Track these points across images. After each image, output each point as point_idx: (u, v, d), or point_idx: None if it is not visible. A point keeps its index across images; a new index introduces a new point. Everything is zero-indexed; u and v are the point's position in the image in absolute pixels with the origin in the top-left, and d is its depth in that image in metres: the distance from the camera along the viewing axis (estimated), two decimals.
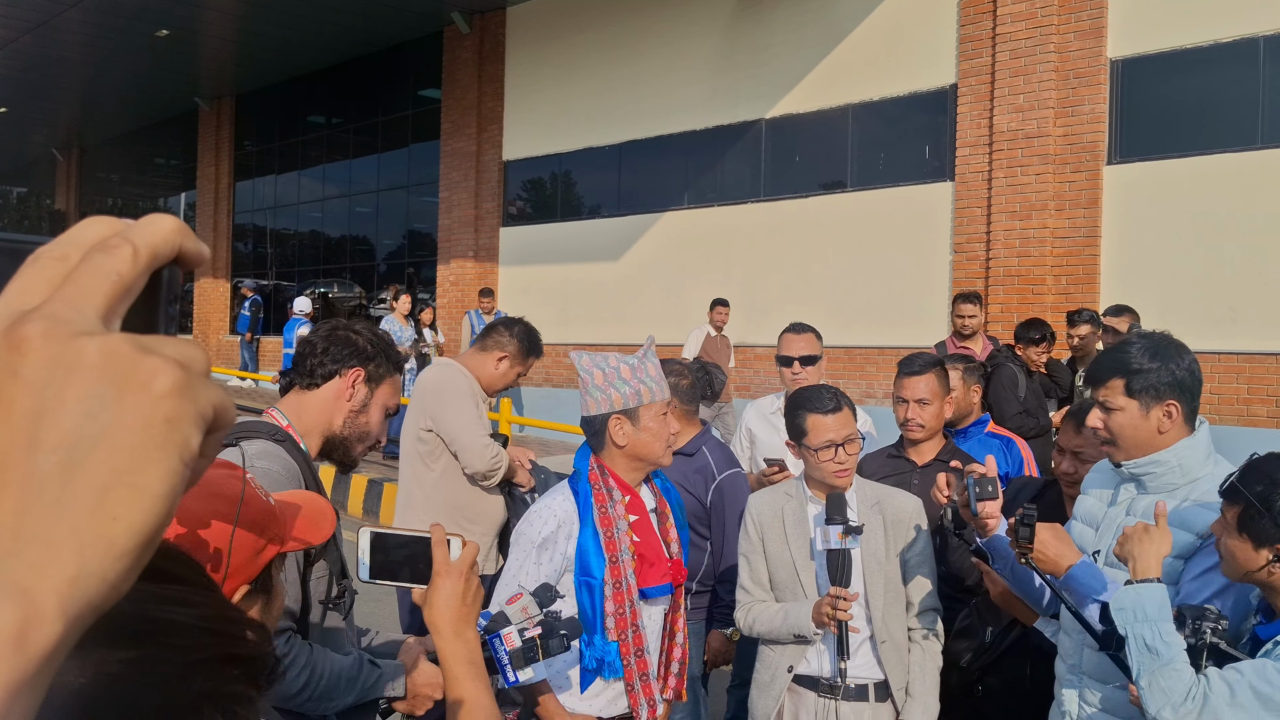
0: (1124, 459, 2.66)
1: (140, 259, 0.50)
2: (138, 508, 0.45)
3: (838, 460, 3.08)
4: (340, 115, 20.00)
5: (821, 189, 12.49)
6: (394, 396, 2.51)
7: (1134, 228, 9.95)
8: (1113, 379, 2.64)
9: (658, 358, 2.89)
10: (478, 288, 16.38)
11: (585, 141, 15.03)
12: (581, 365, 2.81)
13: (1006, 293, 10.59)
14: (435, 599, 1.69)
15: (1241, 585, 2.49)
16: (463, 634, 1.68)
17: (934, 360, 3.89)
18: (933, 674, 3.17)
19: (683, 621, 2.92)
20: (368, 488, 10.81)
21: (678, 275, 13.73)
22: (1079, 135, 10.22)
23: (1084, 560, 2.60)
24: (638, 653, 2.75)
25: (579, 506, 2.76)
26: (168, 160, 25.51)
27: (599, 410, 2.77)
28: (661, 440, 2.79)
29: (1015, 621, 3.28)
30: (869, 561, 3.16)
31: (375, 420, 2.47)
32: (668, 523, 2.91)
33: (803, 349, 4.48)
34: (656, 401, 2.78)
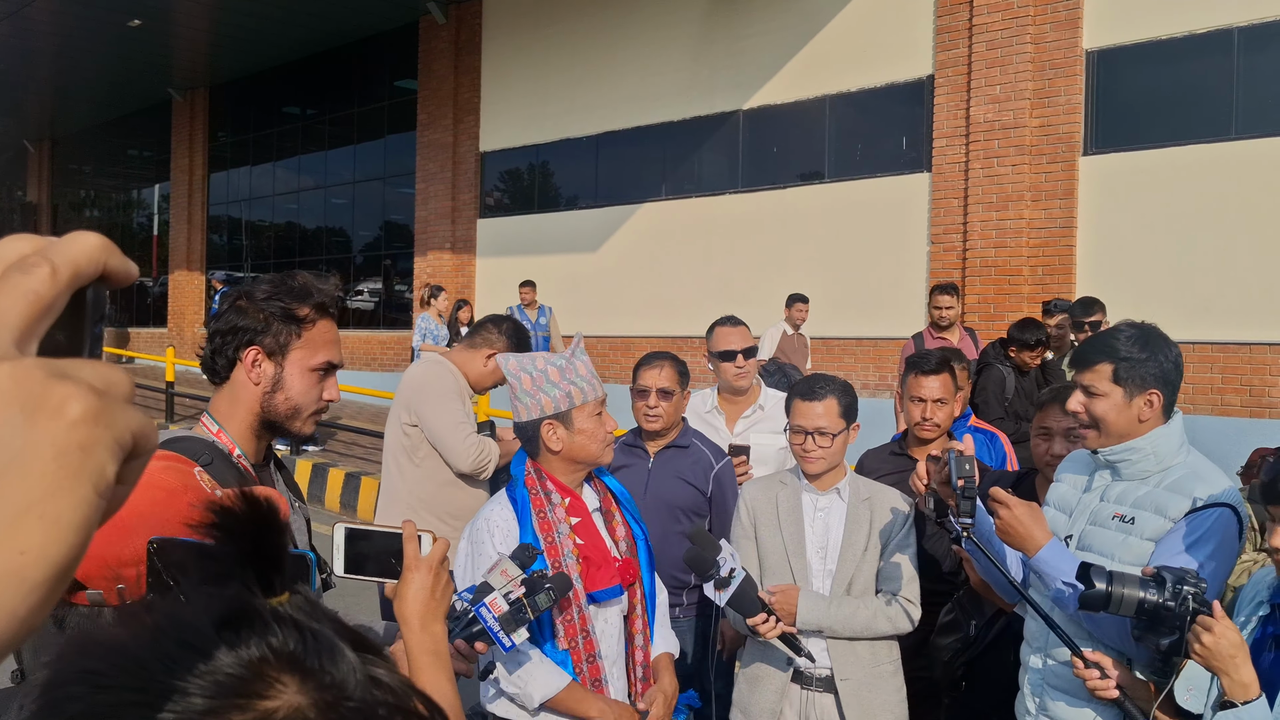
0: (1100, 445, 2.68)
1: (59, 278, 0.48)
2: (49, 539, 0.43)
3: (804, 447, 3.17)
4: (315, 106, 19.86)
5: (799, 180, 12.49)
6: (319, 353, 2.16)
7: (1109, 218, 10.00)
8: (1101, 364, 2.66)
9: (587, 355, 2.84)
10: (455, 280, 16.31)
11: (563, 132, 14.98)
12: (509, 370, 2.74)
13: (983, 283, 10.62)
14: (405, 592, 1.76)
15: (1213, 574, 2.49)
16: (429, 627, 1.74)
17: (946, 358, 3.88)
18: (864, 614, 3.13)
19: (641, 624, 2.86)
20: (345, 481, 10.75)
21: (656, 266, 13.71)
22: (1055, 126, 10.25)
23: (1054, 541, 2.62)
24: (589, 659, 2.70)
25: (517, 514, 2.70)
26: (141, 152, 25.27)
27: (530, 416, 2.72)
28: (598, 440, 2.73)
29: (999, 613, 3.29)
30: (846, 551, 3.19)
31: (299, 390, 2.15)
32: (614, 521, 2.85)
33: (743, 342, 4.37)
34: (589, 401, 2.72)
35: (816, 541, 3.23)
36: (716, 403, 4.43)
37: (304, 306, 2.14)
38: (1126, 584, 2.30)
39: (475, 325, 4.50)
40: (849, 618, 3.14)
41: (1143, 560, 2.56)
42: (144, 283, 25.29)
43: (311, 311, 2.15)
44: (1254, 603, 2.41)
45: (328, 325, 2.19)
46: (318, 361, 2.17)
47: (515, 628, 2.14)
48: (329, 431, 13.16)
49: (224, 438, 2.13)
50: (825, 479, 3.25)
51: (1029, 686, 2.81)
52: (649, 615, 2.90)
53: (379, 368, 17.55)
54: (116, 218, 26.80)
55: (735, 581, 2.85)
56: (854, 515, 3.23)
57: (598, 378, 2.82)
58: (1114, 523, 2.65)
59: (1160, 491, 2.61)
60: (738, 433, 4.32)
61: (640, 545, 2.89)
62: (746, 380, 4.37)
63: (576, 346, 2.82)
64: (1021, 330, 7.03)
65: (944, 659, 3.36)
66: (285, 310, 2.13)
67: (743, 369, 4.32)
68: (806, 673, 3.19)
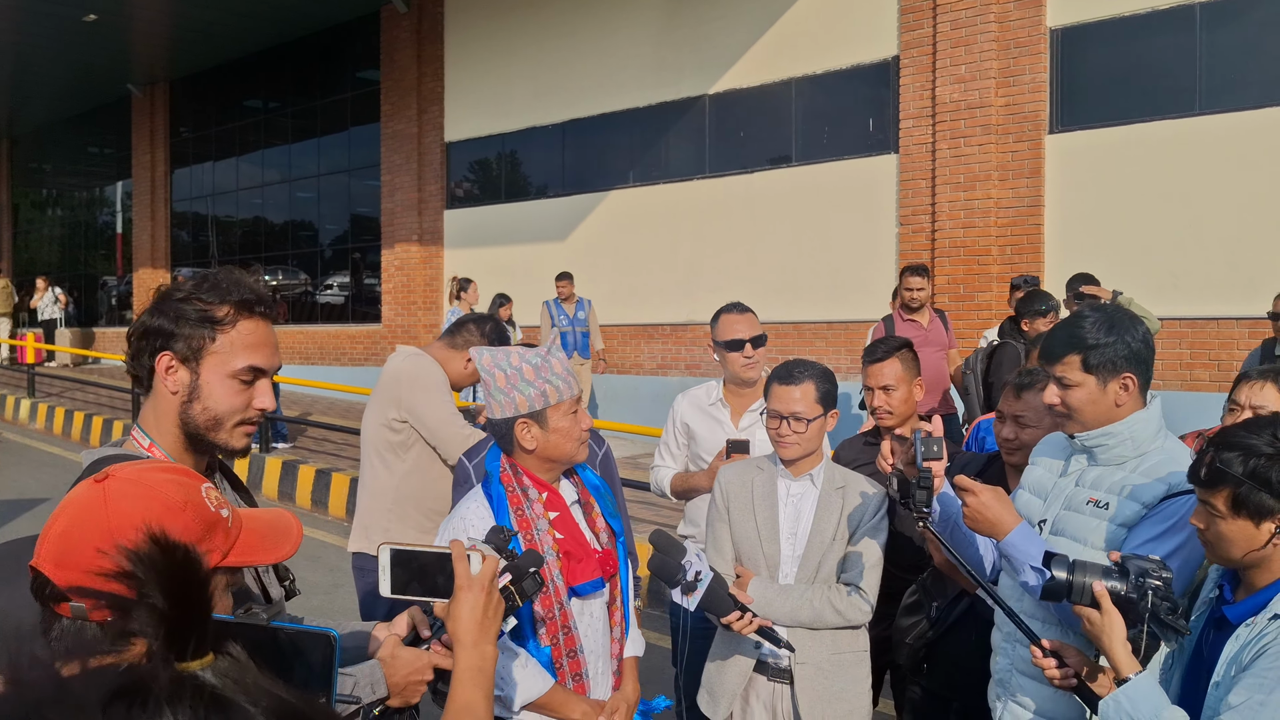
0: (1081, 430, 2.65)
1: None
2: None
3: (779, 432, 3.15)
4: (277, 99, 19.64)
5: (767, 164, 12.44)
6: (239, 357, 1.94)
7: (1076, 196, 10.02)
8: (1069, 355, 2.62)
9: (564, 352, 2.77)
10: (424, 272, 16.19)
11: (528, 121, 14.88)
12: (483, 366, 2.68)
13: (953, 264, 10.62)
14: (458, 612, 1.80)
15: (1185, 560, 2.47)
16: (480, 646, 1.79)
17: (897, 345, 3.84)
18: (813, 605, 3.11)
19: (620, 615, 2.83)
20: (316, 478, 10.64)
21: (625, 254, 13.65)
22: (1020, 105, 10.25)
23: (1023, 526, 2.60)
24: (570, 654, 2.67)
25: (494, 511, 2.64)
26: (102, 149, 24.94)
27: (504, 414, 2.67)
28: (572, 439, 2.68)
29: (961, 595, 3.27)
30: (814, 538, 3.17)
31: (218, 399, 1.95)
32: (593, 513, 2.81)
33: (751, 330, 4.14)
34: (565, 400, 2.67)
35: (788, 527, 3.21)
36: (722, 395, 4.21)
37: (222, 306, 1.94)
38: (1088, 573, 2.26)
39: (456, 324, 4.42)
40: (795, 609, 3.12)
41: (1116, 546, 2.54)
42: (108, 281, 25.02)
43: (231, 311, 1.95)
44: (1209, 583, 2.41)
45: (253, 326, 1.98)
46: (237, 367, 1.95)
47: (505, 615, 2.07)
48: (299, 429, 13.03)
49: (156, 451, 1.97)
50: (801, 465, 3.23)
51: (999, 673, 2.78)
52: (625, 608, 2.86)
53: (349, 362, 17.42)
54: (80, 216, 26.47)
55: (703, 584, 2.80)
56: (825, 502, 3.21)
57: (574, 375, 2.76)
58: (1088, 508, 2.63)
59: (1136, 477, 2.58)
60: (743, 427, 4.10)
61: (618, 537, 2.85)
62: (755, 371, 4.12)
63: (553, 344, 2.77)
64: (1029, 302, 6.89)
65: (906, 640, 3.35)
66: (200, 311, 1.94)
67: (751, 359, 4.09)
68: (770, 662, 3.18)
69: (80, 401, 16.34)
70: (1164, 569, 2.21)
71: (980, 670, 3.10)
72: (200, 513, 1.40)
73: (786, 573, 3.18)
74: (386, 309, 16.80)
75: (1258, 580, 2.22)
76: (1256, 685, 2.06)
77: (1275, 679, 2.04)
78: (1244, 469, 2.11)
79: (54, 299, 22.47)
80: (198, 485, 1.44)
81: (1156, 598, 2.17)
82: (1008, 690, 2.73)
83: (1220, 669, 2.18)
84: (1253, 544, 2.16)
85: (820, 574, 3.16)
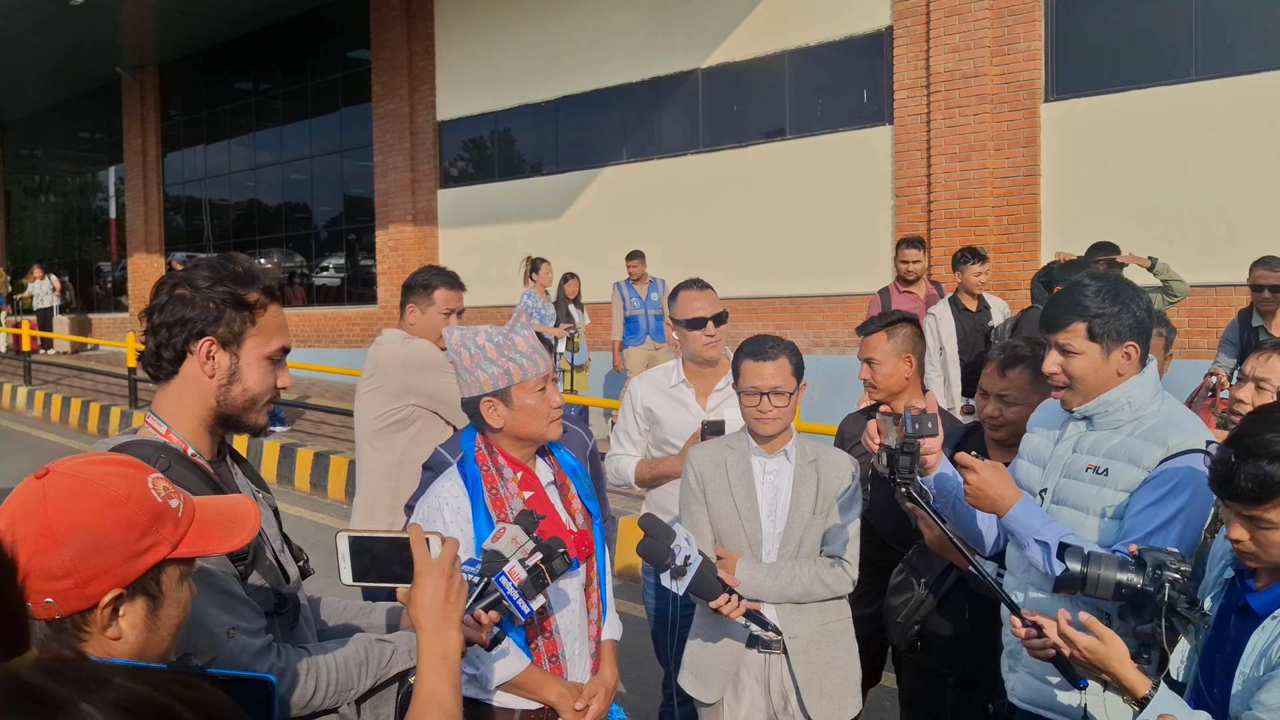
0: (1080, 403, 2.63)
1: None
2: None
3: (760, 408, 3.12)
4: (268, 80, 19.51)
5: (761, 138, 12.37)
6: (271, 339, 2.04)
7: (1072, 164, 9.96)
8: (1074, 323, 2.60)
9: (530, 329, 2.72)
10: (418, 252, 16.12)
11: (521, 98, 14.78)
12: (451, 344, 2.68)
13: (949, 235, 10.57)
14: (419, 598, 1.76)
15: (1187, 523, 2.45)
16: (443, 631, 1.75)
17: (893, 319, 3.80)
18: (802, 581, 3.11)
19: (596, 597, 2.82)
20: (314, 461, 10.63)
21: (620, 231, 13.58)
22: (1015, 74, 10.18)
23: (1024, 499, 2.57)
24: (545, 634, 2.66)
25: (469, 490, 2.63)
26: (93, 134, 24.81)
27: (469, 393, 2.66)
28: (541, 417, 2.65)
29: (950, 569, 3.25)
30: (794, 513, 3.16)
31: (256, 380, 2.04)
32: (569, 494, 2.79)
33: (713, 307, 4.00)
34: (530, 378, 2.63)
35: (767, 505, 3.19)
36: (684, 376, 4.08)
37: (253, 291, 2.01)
38: (1104, 565, 2.23)
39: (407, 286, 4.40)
40: (785, 587, 3.11)
41: (1118, 512, 2.52)
42: (102, 267, 24.94)
43: (261, 296, 2.03)
44: (1221, 563, 2.37)
45: (277, 309, 2.07)
46: (273, 349, 2.05)
47: (535, 594, 2.13)
48: (296, 411, 13.01)
49: (174, 437, 2.00)
50: (774, 441, 3.21)
51: (1010, 644, 2.77)
52: (601, 590, 2.85)
53: (345, 344, 17.38)
54: (73, 202, 26.37)
55: (692, 569, 2.78)
56: (801, 477, 3.19)
57: (542, 352, 2.72)
58: (1087, 474, 2.61)
59: (1134, 440, 2.56)
60: (711, 408, 4.00)
61: (595, 519, 2.83)
62: (717, 350, 4.02)
63: (515, 320, 2.72)
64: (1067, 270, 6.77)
65: (897, 620, 3.34)
66: (235, 297, 1.99)
67: (713, 337, 3.98)
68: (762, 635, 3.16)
69: (77, 389, 16.31)
70: (1182, 561, 2.17)
71: (973, 644, 3.10)
72: (144, 504, 1.37)
73: (769, 550, 3.16)
74: (382, 290, 16.74)
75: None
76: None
77: None
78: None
79: (50, 287, 22.31)
80: (144, 476, 1.42)
81: (1174, 590, 2.13)
82: (1019, 661, 2.72)
83: (1248, 659, 2.13)
84: None
85: (803, 549, 3.15)
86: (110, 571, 1.33)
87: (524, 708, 2.66)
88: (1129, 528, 2.49)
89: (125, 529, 1.34)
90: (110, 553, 1.33)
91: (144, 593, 1.38)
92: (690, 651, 3.29)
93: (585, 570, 2.76)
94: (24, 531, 1.31)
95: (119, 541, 1.33)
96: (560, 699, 2.64)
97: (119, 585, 1.34)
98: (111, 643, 1.35)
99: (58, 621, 1.32)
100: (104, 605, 1.33)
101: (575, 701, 2.66)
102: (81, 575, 1.31)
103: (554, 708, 2.65)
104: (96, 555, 1.32)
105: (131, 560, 1.35)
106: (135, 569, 1.35)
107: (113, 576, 1.33)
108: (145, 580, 1.37)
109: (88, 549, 1.31)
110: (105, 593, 1.33)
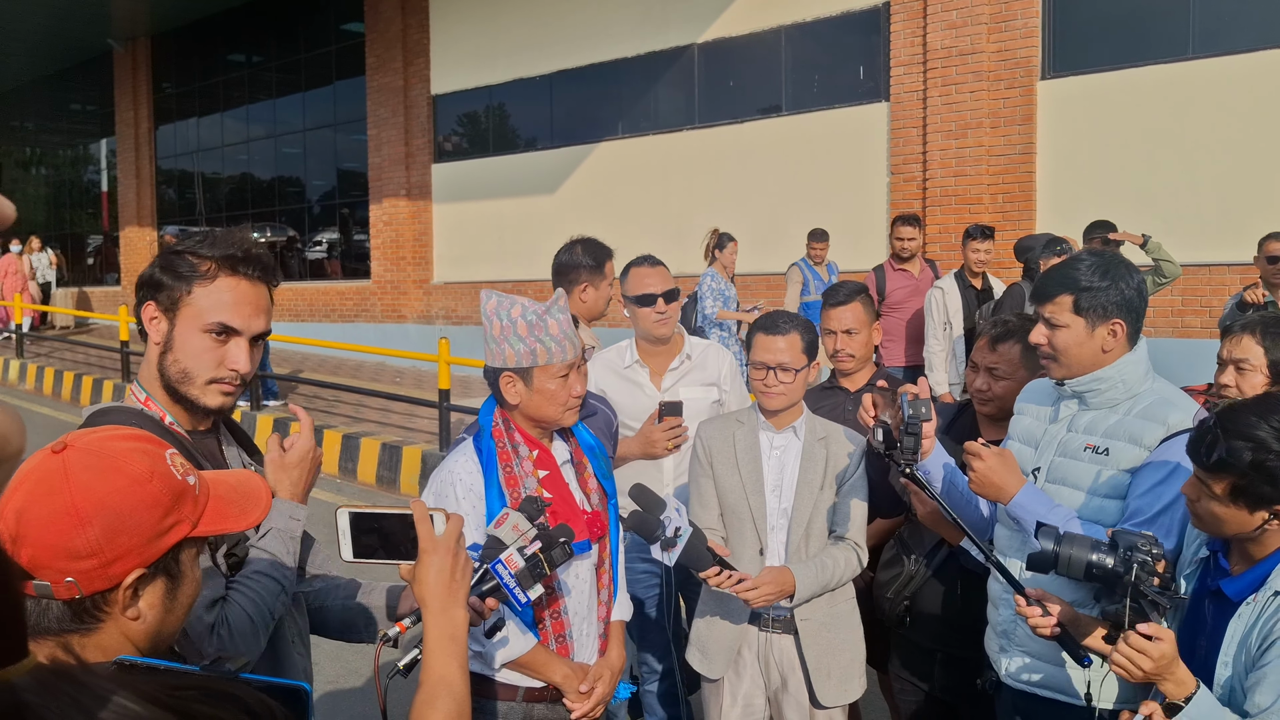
0: (1065, 375, 2.64)
1: None
2: None
3: (766, 383, 3.12)
4: (261, 53, 19.37)
5: (756, 114, 12.31)
6: (211, 313, 1.94)
7: (1068, 143, 9.93)
8: (1061, 295, 2.60)
9: (566, 313, 2.66)
10: (412, 227, 16.06)
11: (515, 73, 14.70)
12: (485, 310, 2.63)
13: (944, 213, 10.55)
14: (424, 575, 1.72)
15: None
16: (449, 610, 1.70)
17: (858, 289, 3.82)
18: (840, 568, 3.12)
19: (608, 578, 2.79)
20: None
21: (614, 206, 13.54)
22: (1012, 51, 10.13)
23: (1028, 485, 2.57)
24: (554, 615, 2.64)
25: (483, 465, 2.60)
26: (84, 106, 24.62)
27: (493, 364, 2.63)
28: (557, 403, 2.61)
29: (939, 545, 3.26)
30: (801, 490, 3.15)
31: (190, 354, 1.95)
32: (586, 474, 2.76)
33: (664, 284, 3.89)
34: (556, 363, 2.59)
35: (772, 480, 3.20)
36: (637, 356, 3.98)
37: (205, 261, 1.96)
38: (1076, 545, 2.24)
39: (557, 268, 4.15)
40: (832, 578, 3.11)
41: (1119, 492, 2.52)
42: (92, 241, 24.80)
43: (213, 266, 1.96)
44: (1197, 541, 2.38)
45: (233, 284, 1.97)
46: (209, 322, 1.95)
47: (532, 584, 2.09)
48: (290, 385, 12.99)
49: (153, 405, 1.99)
50: (783, 417, 3.21)
51: (1001, 624, 2.76)
52: (613, 571, 2.84)
53: (338, 319, 17.33)
54: (65, 174, 26.20)
55: (682, 540, 2.77)
56: (809, 454, 3.19)
57: (573, 340, 2.65)
58: (1086, 454, 2.60)
59: (1132, 419, 2.56)
60: (666, 388, 3.92)
61: (611, 499, 2.81)
62: (668, 328, 3.90)
63: (554, 304, 2.65)
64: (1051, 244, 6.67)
65: (887, 595, 3.35)
66: (184, 263, 1.96)
67: (664, 314, 3.85)
68: (764, 613, 3.18)
69: (69, 362, 16.26)
70: (1155, 544, 2.18)
71: (962, 620, 3.10)
72: (167, 483, 1.35)
73: (774, 524, 3.17)
74: (375, 264, 16.69)
75: (1255, 551, 2.19)
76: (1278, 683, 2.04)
77: None
78: (1251, 461, 2.07)
79: (48, 261, 21.91)
80: (162, 452, 1.39)
81: (1143, 572, 2.14)
82: (1011, 641, 2.71)
83: (1228, 648, 2.16)
84: (1243, 528, 2.14)
85: (812, 528, 3.15)
86: (135, 551, 1.31)
87: (529, 685, 2.66)
88: (1134, 509, 2.49)
89: (150, 508, 1.32)
90: (135, 532, 1.31)
91: (165, 572, 1.36)
92: (696, 628, 3.32)
93: (598, 551, 2.74)
94: (46, 509, 1.28)
95: (144, 521, 1.31)
96: (565, 680, 2.64)
97: (142, 565, 1.32)
98: (130, 623, 1.33)
99: (77, 602, 1.30)
100: (126, 586, 1.31)
101: (580, 684, 2.65)
102: (106, 555, 1.28)
103: (558, 688, 2.65)
104: (122, 535, 1.29)
105: (155, 540, 1.33)
106: (158, 548, 1.34)
107: (137, 556, 1.31)
108: (166, 560, 1.36)
109: (114, 528, 1.29)
110: (129, 572, 1.31)
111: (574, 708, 2.67)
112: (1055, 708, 2.64)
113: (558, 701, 2.67)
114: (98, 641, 1.32)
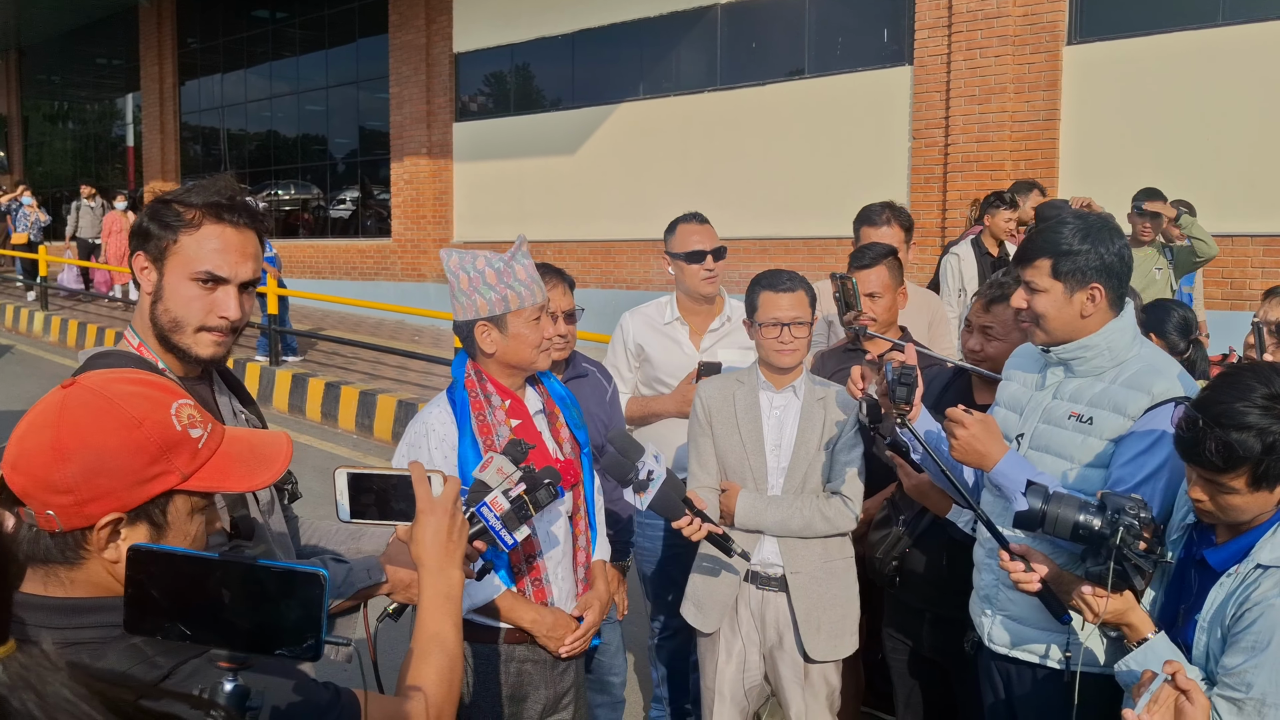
0: (1046, 341, 2.62)
1: None
2: None
3: (781, 340, 3.11)
4: (285, 9, 19.33)
5: (779, 76, 12.21)
6: (198, 261, 1.95)
7: (1093, 109, 9.80)
8: (1040, 259, 2.58)
9: (530, 258, 2.73)
10: (433, 186, 16.07)
11: (538, 31, 14.61)
12: (449, 267, 2.69)
13: (964, 179, 10.46)
14: (421, 535, 1.74)
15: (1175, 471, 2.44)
16: (446, 570, 1.72)
17: (886, 251, 3.77)
18: (803, 515, 3.13)
19: (584, 524, 2.84)
20: (325, 391, 10.70)
21: (635, 168, 13.49)
22: (1038, 15, 9.98)
23: (1010, 453, 2.57)
24: (528, 559, 2.69)
25: (456, 416, 2.65)
26: (110, 60, 24.68)
27: (465, 316, 2.68)
28: (531, 345, 2.67)
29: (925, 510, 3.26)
30: (799, 449, 3.17)
31: (178, 302, 1.96)
32: (558, 423, 2.81)
33: (712, 241, 3.85)
34: (527, 307, 2.66)
35: (772, 439, 3.21)
36: (678, 313, 3.94)
37: (191, 209, 1.97)
38: (1063, 505, 2.24)
39: None
40: (786, 519, 3.14)
41: (1103, 461, 2.52)
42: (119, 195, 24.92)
43: (198, 215, 1.97)
44: (1185, 507, 2.37)
45: (219, 230, 1.97)
46: (196, 270, 1.96)
47: (517, 525, 2.12)
48: (309, 342, 13.07)
49: (146, 351, 2.01)
50: (784, 377, 3.22)
51: (984, 588, 2.77)
52: (589, 517, 2.88)
53: (359, 276, 17.40)
54: (91, 129, 26.31)
55: (655, 484, 2.77)
56: (808, 413, 3.20)
57: (539, 283, 2.73)
58: (1071, 422, 2.58)
59: (1117, 388, 2.54)
60: (705, 348, 3.88)
61: (584, 449, 2.85)
62: (714, 286, 3.89)
63: (518, 249, 2.72)
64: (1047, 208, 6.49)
65: (876, 555, 3.36)
66: (170, 213, 1.97)
67: (712, 272, 3.84)
68: (760, 571, 3.19)
69: (92, 314, 16.41)
70: (1142, 508, 2.18)
71: (948, 582, 3.11)
72: (158, 431, 1.35)
73: (773, 484, 3.19)
74: (396, 223, 16.71)
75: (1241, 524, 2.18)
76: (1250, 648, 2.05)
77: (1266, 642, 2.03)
78: (1263, 447, 2.03)
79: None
80: (169, 401, 1.39)
81: (1129, 535, 2.15)
82: (995, 605, 2.72)
83: (1207, 613, 2.17)
84: (1265, 508, 2.12)
85: (807, 485, 3.17)
86: (111, 494, 1.32)
87: (508, 628, 2.71)
88: (1117, 478, 2.48)
89: (134, 453, 1.33)
90: (114, 475, 1.31)
91: (147, 520, 1.36)
92: (692, 583, 3.34)
93: (571, 498, 2.79)
94: (36, 442, 1.31)
95: (125, 465, 1.32)
96: (533, 624, 2.68)
97: (119, 509, 1.33)
98: (111, 564, 1.33)
99: (60, 536, 1.32)
100: (100, 527, 1.32)
101: (548, 628, 2.70)
102: (82, 494, 1.30)
103: (528, 631, 2.69)
104: (100, 476, 1.30)
105: (136, 486, 1.33)
106: (139, 495, 1.34)
107: (114, 500, 1.32)
108: (150, 508, 1.36)
109: (92, 468, 1.30)
110: (104, 514, 1.32)
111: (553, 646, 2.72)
112: (1034, 670, 2.65)
113: (538, 643, 2.73)
114: (85, 576, 1.34)
